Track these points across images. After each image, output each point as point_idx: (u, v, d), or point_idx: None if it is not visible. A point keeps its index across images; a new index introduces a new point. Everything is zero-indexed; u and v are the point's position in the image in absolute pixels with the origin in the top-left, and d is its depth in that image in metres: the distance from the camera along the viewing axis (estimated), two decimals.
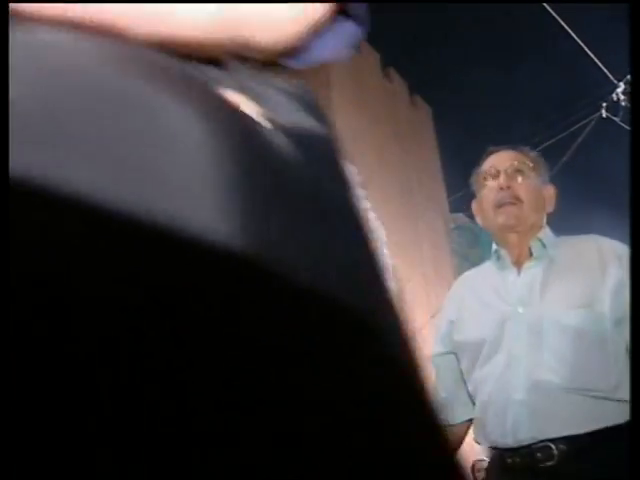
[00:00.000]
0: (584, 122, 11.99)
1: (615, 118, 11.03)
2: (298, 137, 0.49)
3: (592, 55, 10.46)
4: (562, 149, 13.02)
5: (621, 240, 2.02)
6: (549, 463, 1.84)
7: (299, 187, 0.46)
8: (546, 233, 2.17)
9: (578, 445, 1.82)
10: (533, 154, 2.33)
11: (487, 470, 2.19)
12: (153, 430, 0.31)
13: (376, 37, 23.95)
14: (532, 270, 2.09)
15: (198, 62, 0.49)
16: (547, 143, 13.22)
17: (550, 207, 2.26)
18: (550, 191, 2.30)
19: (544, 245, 2.12)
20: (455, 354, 2.18)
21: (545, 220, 2.22)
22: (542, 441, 1.86)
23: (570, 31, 10.15)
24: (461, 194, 21.29)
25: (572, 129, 12.39)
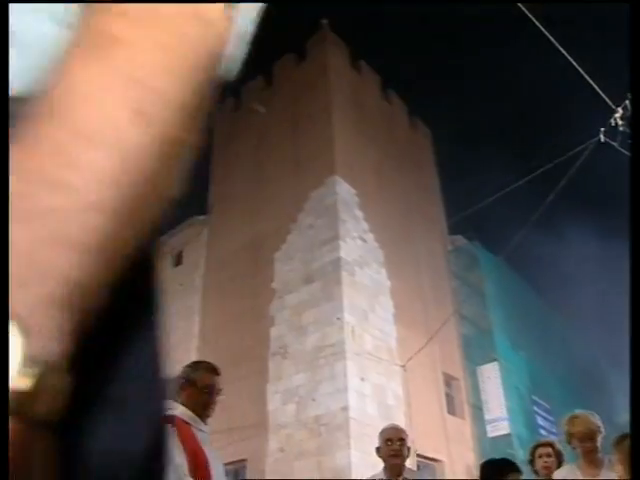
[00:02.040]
0: (582, 147, 12.05)
1: (613, 143, 11.08)
2: None
3: (590, 81, 10.56)
4: (561, 173, 13.07)
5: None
6: None
7: None
8: None
9: None
10: None
11: None
12: None
13: (376, 59, 24.09)
14: None
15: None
16: (546, 167, 13.28)
17: None
18: None
19: None
20: None
21: None
22: None
23: (569, 57, 10.25)
24: (460, 216, 21.35)
25: (570, 153, 12.45)
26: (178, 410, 3.37)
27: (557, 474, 4.50)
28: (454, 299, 20.61)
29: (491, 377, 19.05)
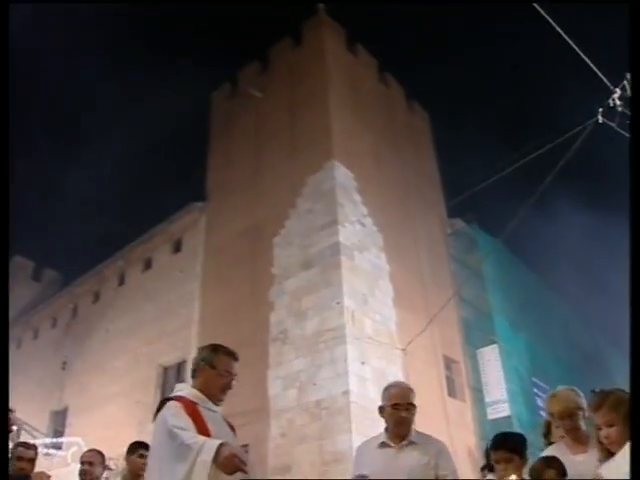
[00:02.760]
0: (580, 128, 12.01)
1: (611, 123, 11.05)
2: None
3: (588, 61, 10.50)
4: (559, 154, 13.03)
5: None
6: None
7: None
8: None
9: None
10: None
11: None
12: None
13: (373, 43, 23.95)
14: None
15: None
16: (545, 148, 13.24)
17: None
18: None
19: None
20: None
21: None
22: None
23: (566, 37, 10.19)
24: (458, 199, 21.29)
25: (569, 134, 12.41)
26: (185, 391, 3.45)
27: (545, 452, 4.34)
28: (453, 282, 20.62)
29: (491, 359, 19.10)
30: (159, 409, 3.37)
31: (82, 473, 5.09)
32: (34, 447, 5.05)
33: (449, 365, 19.26)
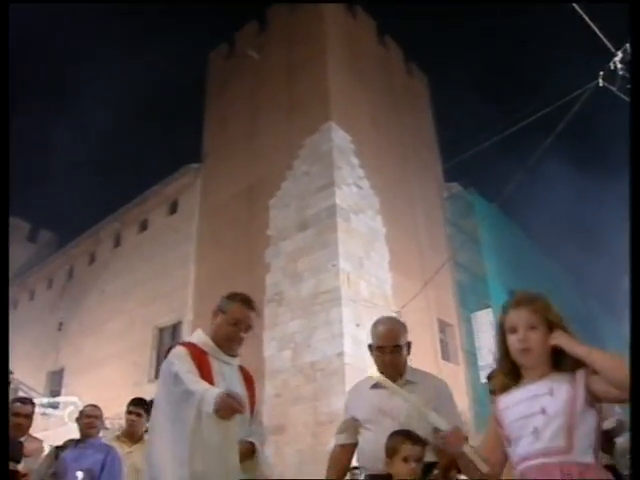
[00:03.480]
0: (580, 91, 11.88)
1: (612, 87, 10.92)
2: None
3: (590, 23, 10.36)
4: (558, 118, 12.92)
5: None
6: None
7: None
8: None
9: None
10: None
11: None
12: None
13: (372, 4, 23.65)
14: None
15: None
16: (543, 111, 13.13)
17: None
18: None
19: None
20: None
21: None
22: None
23: None
24: (455, 162, 21.23)
25: (568, 97, 12.28)
26: (196, 338, 3.36)
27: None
28: (449, 246, 20.64)
29: (485, 323, 19.18)
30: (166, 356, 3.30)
31: (87, 426, 5.11)
32: (31, 402, 5.03)
33: (443, 328, 19.35)
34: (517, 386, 2.46)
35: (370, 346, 3.75)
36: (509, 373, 2.51)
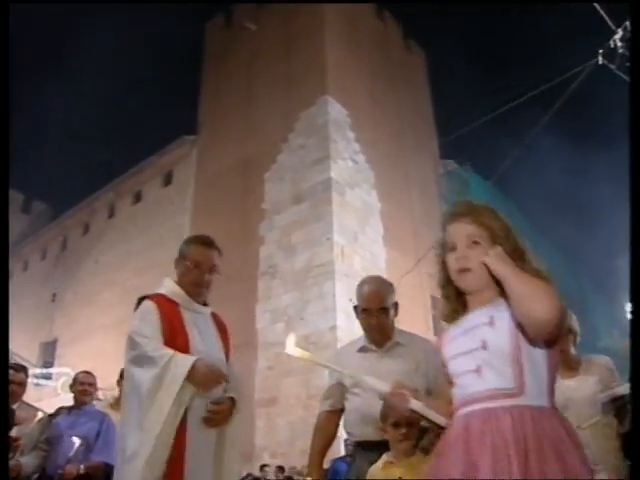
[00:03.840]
0: (579, 69, 11.78)
1: (611, 65, 10.83)
2: None
3: None
4: (555, 96, 12.83)
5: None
6: None
7: None
8: None
9: None
10: None
11: None
12: None
13: None
14: None
15: None
16: (541, 88, 13.04)
17: None
18: None
19: None
20: None
21: None
22: None
23: None
24: (451, 138, 21.15)
25: (566, 75, 12.17)
26: (165, 288, 3.17)
27: None
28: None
29: None
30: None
31: (81, 393, 5.10)
32: (24, 369, 5.00)
33: (436, 305, 19.39)
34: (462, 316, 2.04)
35: (356, 307, 3.47)
36: (454, 301, 2.09)
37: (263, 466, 13.25)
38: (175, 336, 2.93)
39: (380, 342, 3.40)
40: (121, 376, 4.95)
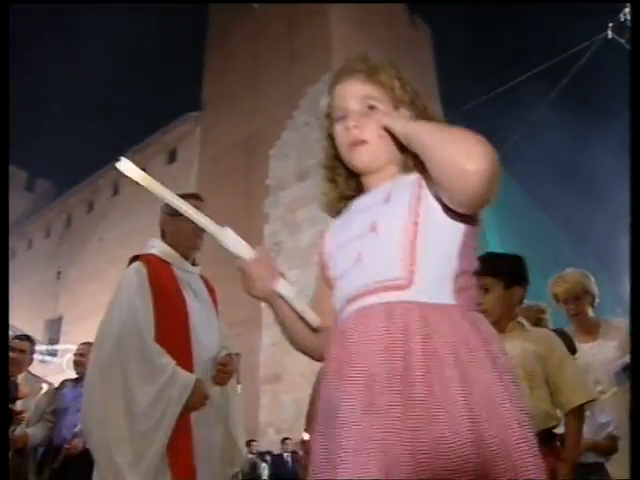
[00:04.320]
0: (588, 43, 11.61)
1: (621, 40, 10.69)
2: None
3: None
4: (563, 70, 12.67)
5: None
6: None
7: None
8: None
9: None
10: None
11: None
12: None
13: None
14: None
15: None
16: (548, 63, 12.88)
17: None
18: None
19: None
20: None
21: None
22: None
23: None
24: (456, 113, 20.96)
25: (575, 49, 12.00)
26: (157, 248, 3.01)
27: None
28: None
29: None
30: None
31: (76, 364, 5.10)
32: (28, 338, 4.98)
33: None
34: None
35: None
36: (344, 184, 1.59)
37: (284, 439, 13.50)
38: (169, 299, 2.81)
39: None
40: None
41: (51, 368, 18.96)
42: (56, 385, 5.26)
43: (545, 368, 2.55)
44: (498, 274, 2.60)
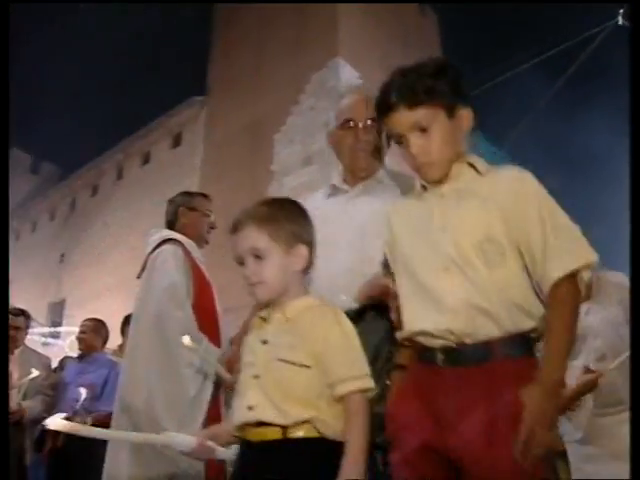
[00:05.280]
0: (598, 29, 11.50)
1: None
2: None
3: None
4: (573, 56, 12.54)
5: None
6: None
7: None
8: None
9: None
10: None
11: None
12: None
13: None
14: None
15: None
16: (557, 48, 12.77)
17: None
18: None
19: None
20: None
21: None
22: None
23: None
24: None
25: (585, 35, 11.89)
26: (177, 236, 3.15)
27: None
28: None
29: None
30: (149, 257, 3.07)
31: (78, 341, 5.10)
32: (22, 313, 4.92)
33: None
34: None
35: (329, 134, 2.58)
36: None
37: None
38: (202, 280, 3.02)
39: (358, 176, 2.47)
40: (124, 323, 4.88)
41: (54, 350, 19.01)
42: (52, 360, 5.26)
43: (512, 231, 1.63)
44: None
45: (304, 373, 1.64)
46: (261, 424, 1.62)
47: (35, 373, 4.50)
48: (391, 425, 1.70)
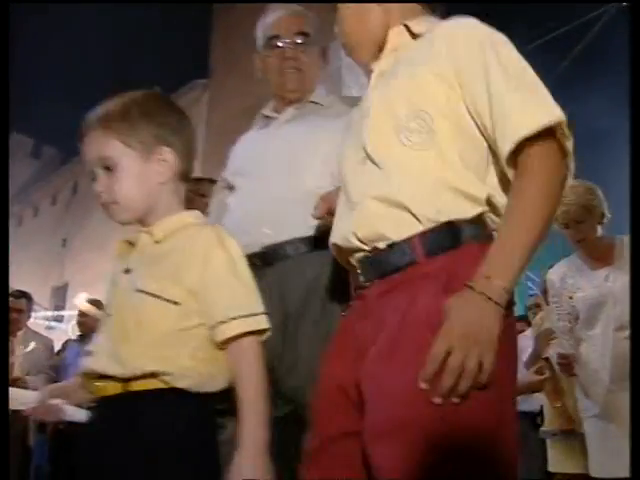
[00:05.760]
0: (602, 10, 11.40)
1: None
2: None
3: None
4: (576, 37, 12.44)
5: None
6: None
7: None
8: None
9: None
10: None
11: None
12: None
13: None
14: None
15: None
16: (561, 30, 12.67)
17: None
18: None
19: None
20: None
21: None
22: None
23: None
24: None
25: (589, 16, 11.79)
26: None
27: (553, 270, 3.20)
28: None
29: None
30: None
31: (79, 325, 5.09)
32: (24, 295, 4.90)
33: None
34: None
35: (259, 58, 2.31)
36: None
37: None
38: None
39: (289, 101, 2.23)
40: None
41: (57, 334, 19.07)
42: (55, 342, 5.25)
43: (452, 91, 1.28)
44: None
45: (169, 311, 1.29)
46: (103, 376, 1.30)
47: (32, 345, 4.49)
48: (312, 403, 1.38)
